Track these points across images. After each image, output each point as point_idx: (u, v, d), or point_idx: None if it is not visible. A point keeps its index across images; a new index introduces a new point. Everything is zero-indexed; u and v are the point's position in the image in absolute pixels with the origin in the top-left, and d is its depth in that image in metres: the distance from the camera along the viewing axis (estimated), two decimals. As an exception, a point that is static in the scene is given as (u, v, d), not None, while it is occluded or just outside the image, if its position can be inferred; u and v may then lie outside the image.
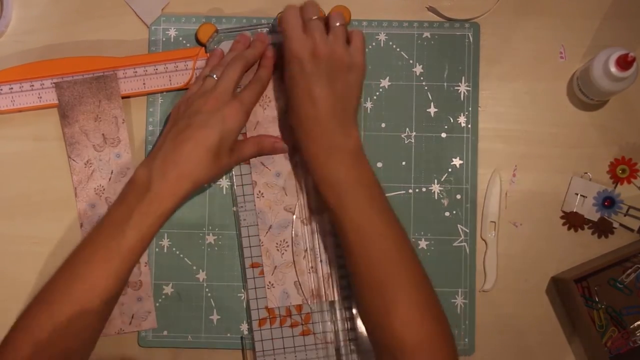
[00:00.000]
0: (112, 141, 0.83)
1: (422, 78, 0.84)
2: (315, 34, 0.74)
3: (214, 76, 0.78)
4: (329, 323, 0.82)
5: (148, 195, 0.72)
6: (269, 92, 0.82)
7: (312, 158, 0.74)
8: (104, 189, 0.83)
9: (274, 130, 0.82)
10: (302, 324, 0.82)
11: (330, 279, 0.82)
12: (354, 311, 0.81)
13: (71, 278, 0.71)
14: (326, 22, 0.76)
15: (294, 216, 0.82)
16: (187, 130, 0.74)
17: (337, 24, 0.75)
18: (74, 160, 0.83)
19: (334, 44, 0.74)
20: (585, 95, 0.81)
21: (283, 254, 0.82)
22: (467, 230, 0.83)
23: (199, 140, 0.73)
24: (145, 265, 0.82)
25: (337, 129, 0.73)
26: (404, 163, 0.84)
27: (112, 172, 0.83)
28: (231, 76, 0.77)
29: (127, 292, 0.82)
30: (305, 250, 0.82)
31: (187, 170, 0.73)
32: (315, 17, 0.75)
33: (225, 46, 0.82)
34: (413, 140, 0.84)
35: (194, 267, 0.83)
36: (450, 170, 0.84)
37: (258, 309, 0.82)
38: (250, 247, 0.82)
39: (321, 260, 0.82)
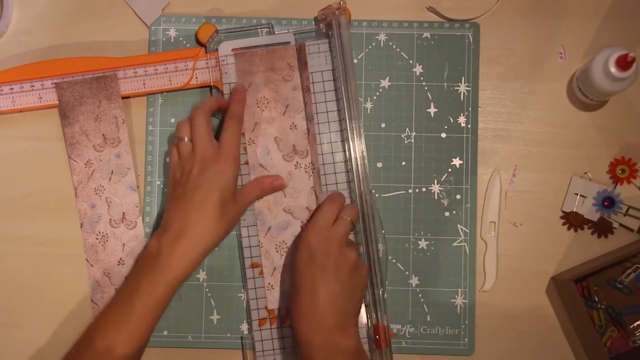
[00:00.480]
0: (113, 141, 0.83)
1: (422, 78, 0.84)
2: (340, 231, 0.76)
3: (185, 139, 0.78)
4: (329, 323, 0.82)
5: (158, 265, 0.73)
6: (265, 92, 0.82)
7: (312, 351, 0.72)
8: (104, 189, 0.83)
9: (273, 131, 0.82)
10: (302, 324, 0.82)
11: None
12: (354, 311, 0.81)
13: (87, 346, 0.72)
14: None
15: (292, 217, 0.82)
16: (186, 196, 0.75)
17: (345, 230, 0.77)
18: (74, 160, 0.83)
19: (344, 245, 0.76)
20: (585, 95, 0.81)
21: (282, 255, 0.82)
22: (467, 230, 0.83)
23: (201, 205, 0.74)
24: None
25: (336, 325, 0.72)
26: (404, 163, 0.84)
27: (112, 172, 0.83)
28: (202, 132, 0.77)
29: None
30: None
31: (196, 238, 0.74)
32: (349, 218, 0.77)
33: (225, 47, 0.82)
34: (413, 140, 0.84)
35: (194, 267, 0.83)
36: (450, 170, 0.84)
37: (258, 309, 0.82)
38: (250, 247, 0.82)
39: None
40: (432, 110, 0.84)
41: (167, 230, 0.74)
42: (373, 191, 0.83)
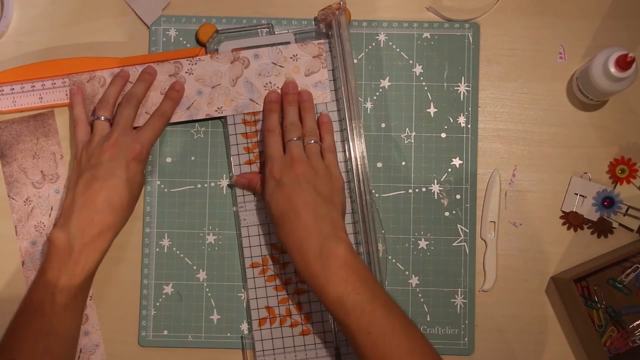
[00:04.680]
0: (51, 177, 0.83)
1: (422, 78, 0.84)
2: (293, 153, 0.75)
3: (102, 118, 0.77)
4: (329, 323, 0.82)
5: (72, 257, 0.72)
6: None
7: (306, 268, 0.71)
8: (44, 226, 0.83)
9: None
10: (302, 324, 0.82)
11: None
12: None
13: (15, 341, 0.71)
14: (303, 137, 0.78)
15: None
16: (94, 183, 0.74)
17: (312, 141, 0.77)
18: (13, 199, 0.83)
19: (311, 159, 0.76)
20: (584, 95, 0.81)
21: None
22: (467, 230, 0.83)
23: (109, 192, 0.74)
24: (91, 299, 0.83)
25: (326, 232, 0.71)
26: (404, 163, 0.84)
27: (51, 208, 0.83)
28: (125, 116, 0.77)
29: None
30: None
31: (106, 224, 0.74)
32: (296, 137, 0.77)
33: (225, 47, 0.82)
34: (413, 140, 0.84)
35: (194, 267, 0.83)
36: (450, 170, 0.84)
37: (258, 308, 0.82)
38: (250, 247, 0.82)
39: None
40: (432, 110, 0.84)
41: (70, 219, 0.73)
42: (373, 191, 0.83)
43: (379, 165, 0.84)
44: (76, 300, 0.73)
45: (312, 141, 0.78)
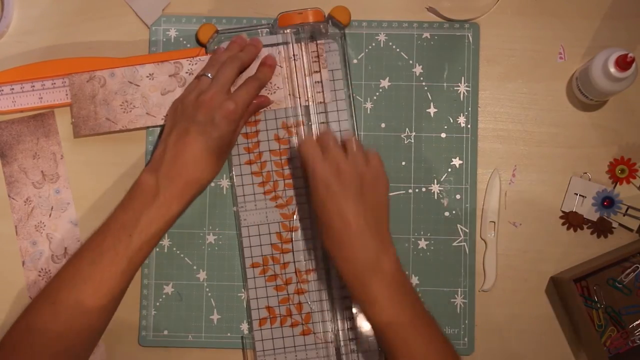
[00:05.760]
0: (51, 177, 0.83)
1: (422, 78, 0.85)
2: (336, 157, 0.74)
3: (209, 75, 0.78)
4: (329, 323, 0.82)
5: (156, 202, 0.73)
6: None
7: (351, 278, 0.71)
8: (44, 225, 0.83)
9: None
10: (302, 324, 0.82)
11: (328, 277, 0.82)
12: (354, 311, 0.82)
13: (77, 278, 0.72)
14: (343, 146, 0.76)
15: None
16: (187, 136, 0.75)
17: (354, 147, 0.75)
18: (13, 199, 0.83)
19: (355, 163, 0.74)
20: (584, 95, 0.82)
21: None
22: (467, 230, 0.83)
23: (199, 146, 0.74)
24: None
25: (372, 243, 0.71)
26: (404, 163, 0.84)
27: (52, 208, 0.83)
28: (226, 75, 0.78)
29: None
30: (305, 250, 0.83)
31: (194, 176, 0.75)
32: (333, 143, 0.75)
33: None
34: (413, 140, 0.84)
35: (194, 267, 0.83)
36: (449, 170, 0.84)
37: (258, 308, 0.82)
38: (250, 247, 0.82)
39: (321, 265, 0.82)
40: (432, 110, 0.84)
41: (162, 165, 0.74)
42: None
43: (379, 165, 0.84)
44: (149, 245, 0.73)
45: (355, 147, 0.75)
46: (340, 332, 0.81)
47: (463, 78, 0.84)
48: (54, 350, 0.70)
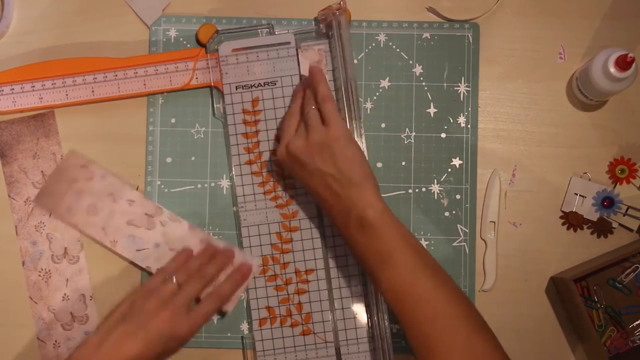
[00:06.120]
0: None
1: (421, 78, 0.85)
2: (299, 136, 0.76)
3: (174, 281, 0.76)
4: (329, 323, 0.82)
5: None
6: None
7: (344, 229, 0.73)
8: (44, 225, 0.83)
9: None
10: (302, 324, 0.82)
11: (328, 277, 0.82)
12: (354, 311, 0.82)
13: None
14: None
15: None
16: (131, 341, 0.72)
17: (307, 111, 0.77)
18: (13, 199, 0.83)
19: (310, 134, 0.75)
20: (584, 95, 0.82)
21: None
22: (467, 230, 0.83)
23: (146, 350, 0.72)
24: (91, 299, 0.82)
25: (355, 193, 0.72)
26: (404, 163, 0.84)
27: None
28: (190, 292, 0.76)
29: (74, 326, 0.82)
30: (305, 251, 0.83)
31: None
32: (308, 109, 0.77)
33: (225, 47, 0.82)
34: (413, 140, 0.84)
35: (195, 267, 0.83)
36: (449, 170, 0.84)
37: (258, 308, 0.82)
38: (250, 247, 0.82)
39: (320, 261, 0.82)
40: (432, 110, 0.84)
41: (94, 356, 0.72)
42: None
43: (379, 165, 0.84)
44: None
45: (307, 110, 0.77)
46: (340, 333, 0.81)
47: (463, 78, 0.84)
48: None
